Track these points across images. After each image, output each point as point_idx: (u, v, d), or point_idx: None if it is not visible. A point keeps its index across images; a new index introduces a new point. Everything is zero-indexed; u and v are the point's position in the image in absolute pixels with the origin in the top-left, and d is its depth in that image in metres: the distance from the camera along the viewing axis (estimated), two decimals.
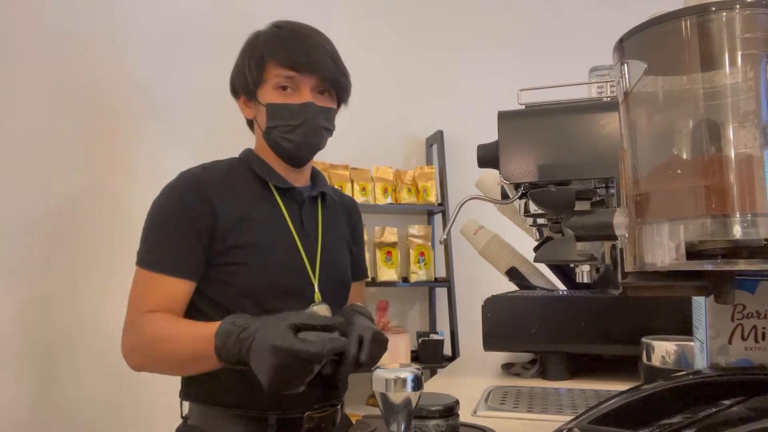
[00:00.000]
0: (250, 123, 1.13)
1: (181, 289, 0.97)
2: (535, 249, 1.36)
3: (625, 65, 0.53)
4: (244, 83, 1.07)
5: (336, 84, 1.06)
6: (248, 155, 1.10)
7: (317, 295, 1.04)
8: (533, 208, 1.02)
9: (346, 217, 1.21)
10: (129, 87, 1.68)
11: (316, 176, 1.17)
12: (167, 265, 0.97)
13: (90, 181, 1.53)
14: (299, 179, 1.11)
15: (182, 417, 1.04)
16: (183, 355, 0.92)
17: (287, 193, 1.07)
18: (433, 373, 2.30)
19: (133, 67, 1.70)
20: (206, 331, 0.89)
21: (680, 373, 0.59)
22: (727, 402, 0.53)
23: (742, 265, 0.46)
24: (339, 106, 1.12)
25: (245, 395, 0.97)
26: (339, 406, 1.07)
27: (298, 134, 1.03)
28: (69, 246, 1.46)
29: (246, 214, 1.01)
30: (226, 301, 0.98)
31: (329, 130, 1.08)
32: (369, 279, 2.56)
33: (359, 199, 2.57)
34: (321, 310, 0.99)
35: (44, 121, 1.40)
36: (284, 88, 1.03)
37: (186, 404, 1.03)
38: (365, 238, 2.57)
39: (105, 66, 1.60)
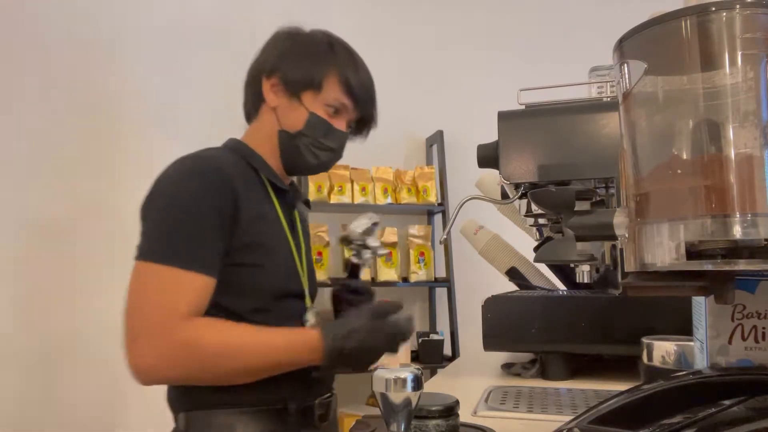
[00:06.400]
0: (257, 106, 1.05)
1: (209, 288, 0.89)
2: (535, 249, 1.36)
3: (625, 65, 0.53)
4: (295, 77, 1.00)
5: (369, 123, 1.09)
6: (241, 149, 1.03)
7: (308, 299, 1.03)
8: (533, 208, 1.02)
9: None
10: (129, 87, 1.68)
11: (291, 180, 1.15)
12: (199, 262, 0.87)
13: (90, 181, 1.53)
14: (286, 182, 1.09)
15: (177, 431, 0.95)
16: (262, 367, 0.89)
17: (282, 194, 1.05)
18: (433, 373, 2.29)
19: (134, 68, 1.70)
20: (294, 339, 0.90)
21: (680, 373, 0.59)
22: (727, 402, 0.53)
23: (742, 265, 0.46)
24: None
25: (268, 390, 0.92)
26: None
27: (324, 155, 1.03)
28: (68, 246, 1.46)
29: (259, 212, 0.97)
30: (225, 300, 0.91)
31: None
32: (369, 279, 2.57)
33: (359, 199, 2.57)
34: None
35: (45, 122, 1.40)
36: (335, 109, 1.02)
37: (182, 415, 0.93)
38: None
39: (105, 67, 1.60)
